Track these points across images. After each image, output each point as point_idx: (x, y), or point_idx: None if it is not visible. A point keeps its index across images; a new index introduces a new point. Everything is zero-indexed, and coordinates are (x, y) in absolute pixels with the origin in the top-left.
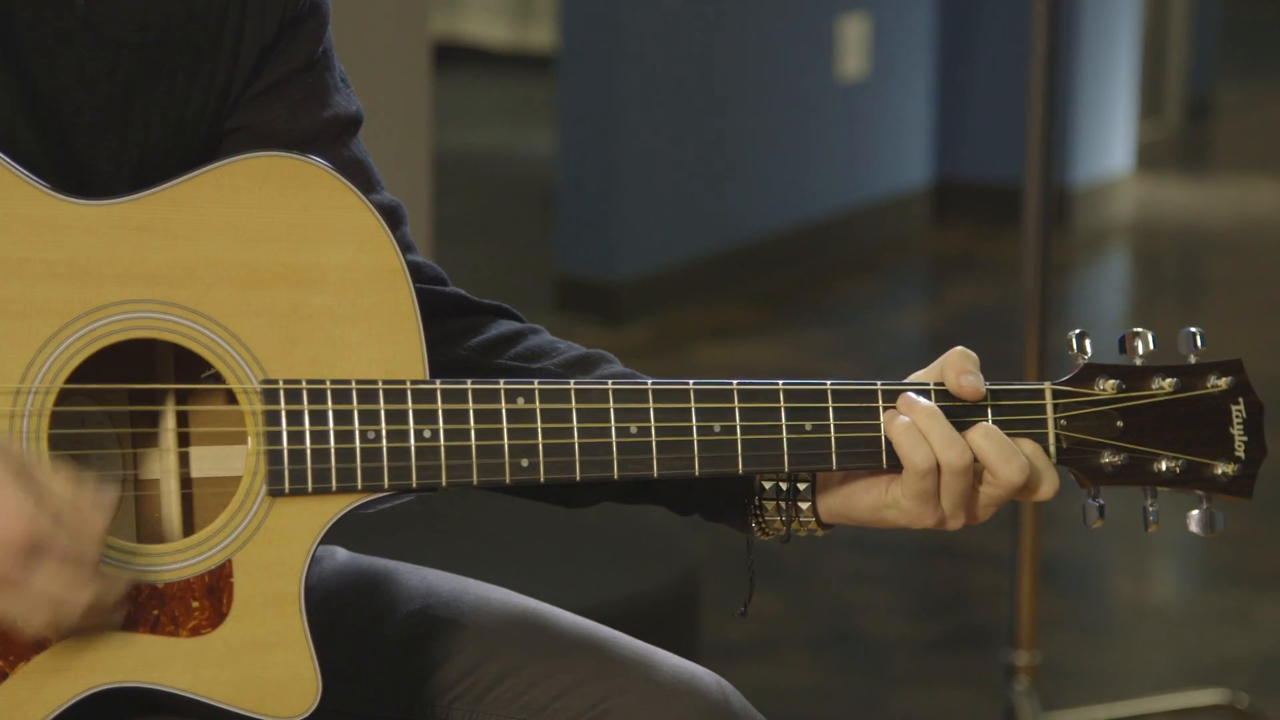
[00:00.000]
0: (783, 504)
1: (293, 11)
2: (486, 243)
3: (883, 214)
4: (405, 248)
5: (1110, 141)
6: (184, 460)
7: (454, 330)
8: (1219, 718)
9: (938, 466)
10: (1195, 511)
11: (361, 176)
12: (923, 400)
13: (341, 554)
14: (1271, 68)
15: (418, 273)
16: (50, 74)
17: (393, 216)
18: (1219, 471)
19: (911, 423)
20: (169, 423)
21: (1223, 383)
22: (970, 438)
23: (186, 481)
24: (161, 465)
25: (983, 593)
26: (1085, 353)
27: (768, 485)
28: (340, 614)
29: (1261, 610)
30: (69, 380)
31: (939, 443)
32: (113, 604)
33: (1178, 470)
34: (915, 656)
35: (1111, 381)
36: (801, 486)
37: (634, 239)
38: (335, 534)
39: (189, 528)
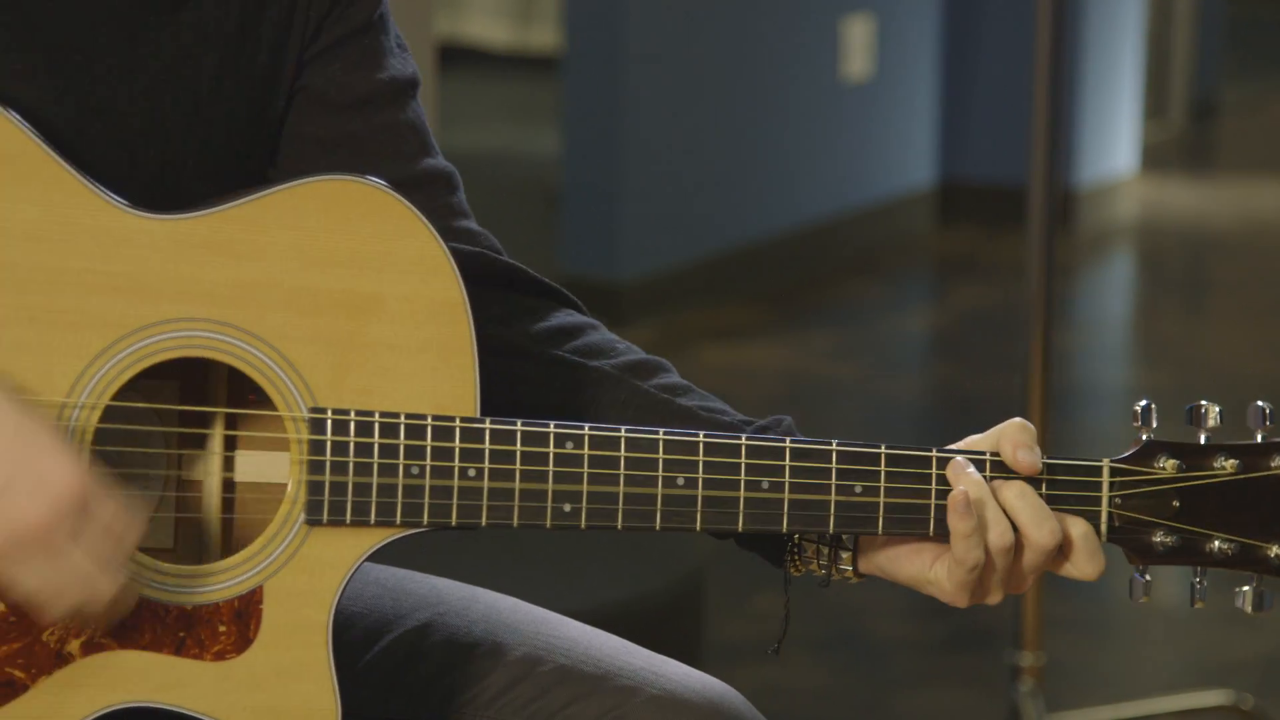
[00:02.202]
0: (823, 549)
1: None
2: None
3: (887, 215)
4: (461, 214)
5: (1114, 142)
6: (229, 464)
7: (511, 310)
8: (1224, 718)
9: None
10: (1245, 589)
11: (417, 140)
12: (973, 474)
13: None
14: (1276, 68)
15: (473, 239)
16: (135, 66)
17: (448, 183)
18: (1273, 554)
19: (975, 522)
20: (217, 425)
21: None
22: (1004, 496)
23: (229, 486)
24: (206, 467)
25: None
26: (1149, 427)
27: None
28: (350, 621)
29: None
30: (117, 394)
31: (989, 525)
32: (133, 601)
33: (1230, 552)
34: (919, 657)
35: (1172, 461)
36: (844, 538)
37: (637, 239)
38: None
39: (228, 534)
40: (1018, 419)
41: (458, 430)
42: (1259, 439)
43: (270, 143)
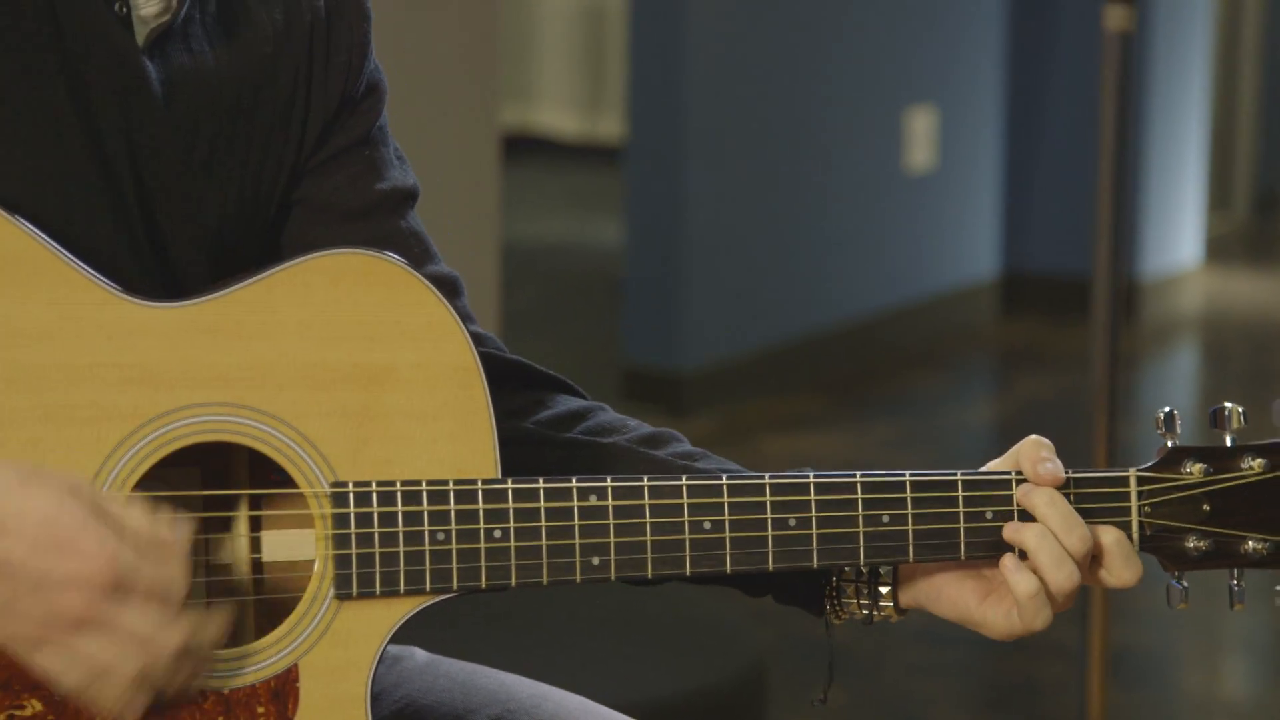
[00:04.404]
0: (862, 586)
1: (352, 88)
2: (554, 332)
3: (950, 305)
4: (465, 318)
5: (1178, 234)
6: (256, 545)
7: (521, 404)
8: None
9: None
10: None
11: (418, 248)
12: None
13: (421, 655)
14: None
15: (479, 342)
16: (128, 155)
17: (452, 288)
18: None
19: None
20: (242, 508)
21: None
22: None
23: (259, 567)
24: (234, 550)
25: (1051, 686)
26: (1174, 433)
27: (847, 570)
28: (420, 714)
29: None
30: (139, 484)
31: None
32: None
33: (1265, 552)
34: None
35: (1199, 465)
36: (882, 572)
37: (699, 329)
38: (413, 632)
39: (264, 616)
40: (1033, 436)
41: (480, 493)
42: None
43: (261, 242)
